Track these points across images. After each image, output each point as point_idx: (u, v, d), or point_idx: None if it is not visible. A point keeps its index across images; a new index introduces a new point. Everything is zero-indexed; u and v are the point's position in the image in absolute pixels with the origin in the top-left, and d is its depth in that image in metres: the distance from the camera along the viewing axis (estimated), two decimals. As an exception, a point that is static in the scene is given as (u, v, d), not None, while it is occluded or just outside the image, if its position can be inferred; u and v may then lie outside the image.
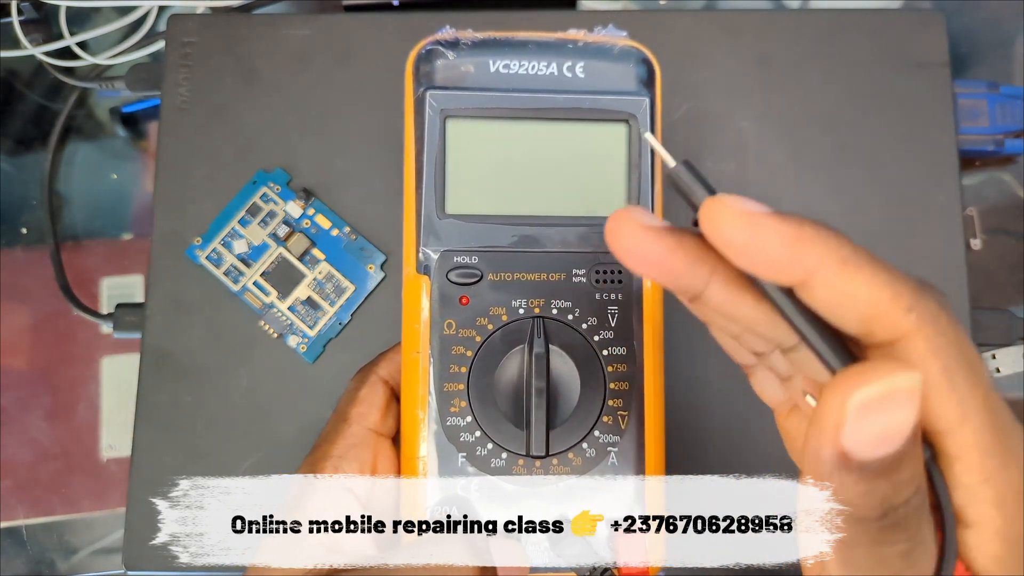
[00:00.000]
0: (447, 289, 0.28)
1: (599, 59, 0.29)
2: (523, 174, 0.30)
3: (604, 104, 0.29)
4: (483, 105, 0.29)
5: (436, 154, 0.29)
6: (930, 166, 0.40)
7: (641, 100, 0.29)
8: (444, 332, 0.28)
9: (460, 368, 0.28)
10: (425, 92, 0.29)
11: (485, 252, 0.29)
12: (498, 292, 0.28)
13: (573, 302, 0.28)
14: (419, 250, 0.29)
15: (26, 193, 0.46)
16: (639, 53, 0.30)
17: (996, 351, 0.41)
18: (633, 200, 0.29)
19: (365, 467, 0.29)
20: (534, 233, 0.29)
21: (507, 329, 0.28)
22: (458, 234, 0.29)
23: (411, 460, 0.28)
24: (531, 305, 0.28)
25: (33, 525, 0.42)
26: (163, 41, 0.44)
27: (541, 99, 0.29)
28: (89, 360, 0.43)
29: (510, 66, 0.29)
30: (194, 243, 0.39)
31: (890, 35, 0.41)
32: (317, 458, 0.29)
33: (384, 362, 0.31)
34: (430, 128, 0.29)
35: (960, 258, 0.39)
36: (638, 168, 0.29)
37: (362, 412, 0.30)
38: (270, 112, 0.40)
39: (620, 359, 0.28)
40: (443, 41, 0.29)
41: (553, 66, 0.29)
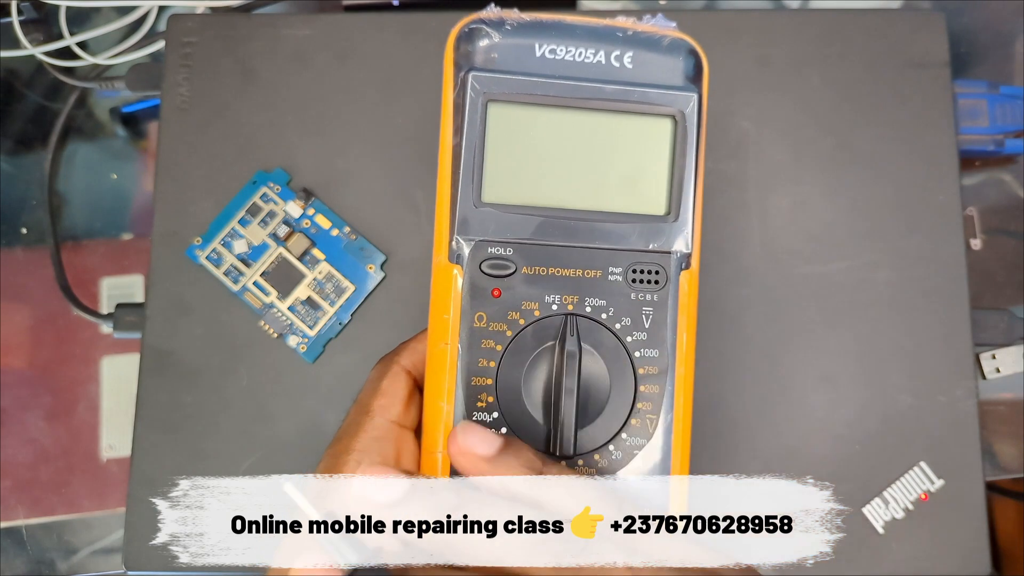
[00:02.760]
0: (479, 280, 0.28)
1: (648, 50, 0.28)
2: (564, 165, 0.29)
3: (652, 98, 0.28)
4: (528, 91, 0.28)
5: (476, 139, 0.28)
6: (930, 166, 0.40)
7: (690, 96, 0.28)
8: (474, 324, 0.27)
9: (489, 362, 0.27)
10: (467, 74, 0.27)
11: (520, 244, 0.28)
12: (531, 286, 0.28)
13: (608, 300, 0.28)
14: (452, 238, 0.28)
15: (26, 193, 0.46)
16: (688, 45, 0.29)
17: (996, 351, 0.41)
18: (674, 198, 0.28)
19: (388, 461, 0.28)
20: (571, 227, 0.28)
21: (539, 325, 0.28)
22: (494, 224, 0.28)
23: (431, 454, 0.28)
24: (564, 301, 0.28)
25: (33, 525, 0.42)
26: (163, 41, 0.44)
27: (588, 88, 0.28)
28: (89, 360, 0.43)
29: (556, 51, 0.28)
30: (194, 243, 0.39)
31: (890, 35, 0.41)
32: (338, 452, 0.28)
33: (407, 352, 0.30)
34: (471, 112, 0.27)
35: (960, 258, 0.39)
36: (682, 167, 0.28)
37: (384, 404, 0.29)
38: (270, 112, 0.40)
39: (652, 361, 0.28)
40: (487, 20, 0.28)
41: (601, 54, 0.28)
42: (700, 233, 0.29)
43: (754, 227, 0.40)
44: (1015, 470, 0.42)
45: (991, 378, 0.41)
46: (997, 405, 0.42)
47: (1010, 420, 0.42)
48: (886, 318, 0.39)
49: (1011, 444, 0.42)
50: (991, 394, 0.42)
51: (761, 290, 0.39)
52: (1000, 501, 0.51)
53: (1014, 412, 0.42)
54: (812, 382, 0.38)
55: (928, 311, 0.39)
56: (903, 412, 0.38)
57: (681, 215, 0.28)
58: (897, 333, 0.39)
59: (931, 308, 0.39)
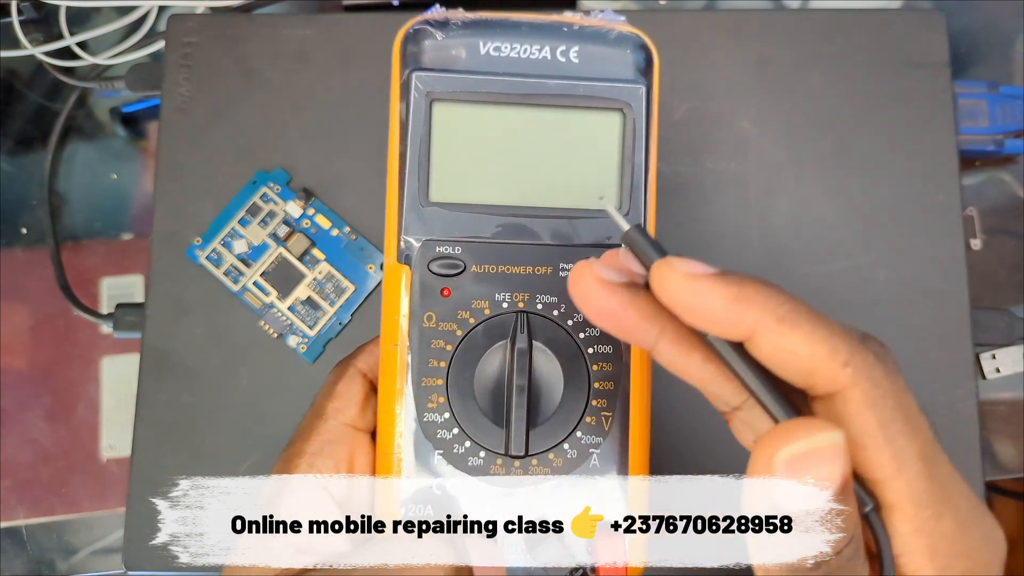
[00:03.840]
0: (428, 280, 0.27)
1: (595, 44, 0.28)
2: (511, 162, 0.29)
3: (598, 91, 0.28)
4: (471, 89, 0.28)
5: (421, 139, 0.27)
6: (930, 166, 0.40)
7: (637, 88, 0.28)
8: (424, 324, 0.27)
9: (439, 363, 0.27)
10: (411, 74, 0.27)
11: (469, 242, 0.28)
12: (481, 284, 0.28)
13: (559, 297, 0.28)
14: (400, 238, 0.28)
15: (26, 193, 0.46)
16: (636, 39, 0.28)
17: (996, 351, 0.41)
18: (625, 193, 0.28)
19: (341, 464, 0.28)
20: (521, 224, 0.28)
21: (490, 323, 0.27)
22: (441, 223, 0.28)
23: (386, 456, 0.27)
24: (515, 299, 0.28)
25: (33, 525, 0.42)
26: (163, 41, 0.44)
27: (532, 84, 0.28)
28: (89, 360, 0.43)
29: (501, 48, 0.28)
30: (194, 243, 0.39)
31: (890, 35, 0.41)
32: (291, 455, 0.28)
33: (363, 354, 0.30)
34: (415, 111, 0.27)
35: (960, 258, 0.39)
36: (631, 160, 0.28)
37: (339, 407, 0.29)
38: (270, 112, 0.40)
39: (606, 358, 0.28)
40: (432, 21, 0.28)
41: (546, 50, 0.28)
42: (655, 226, 0.29)
43: (754, 227, 0.40)
44: (1015, 470, 0.42)
45: (991, 378, 0.41)
46: (997, 405, 0.42)
47: (1010, 420, 0.42)
48: (886, 318, 0.39)
49: (1011, 444, 0.42)
50: (991, 394, 0.42)
51: (761, 290, 0.39)
52: (1000, 501, 0.51)
53: (1014, 412, 0.42)
54: (812, 382, 0.38)
55: (928, 311, 0.39)
56: (903, 412, 0.38)
57: (633, 209, 0.28)
58: (897, 333, 0.39)
59: (931, 308, 0.39)
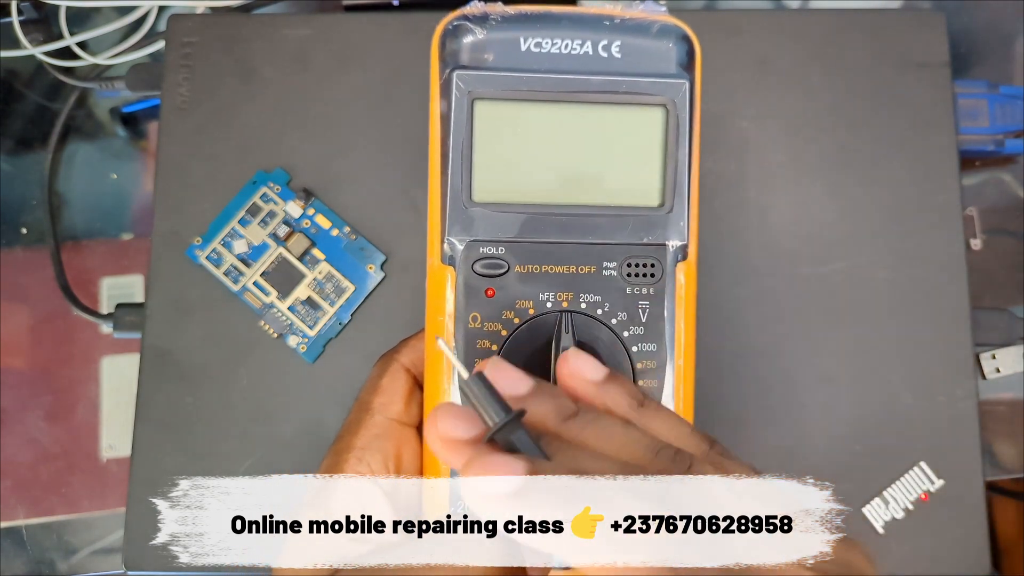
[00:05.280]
0: (473, 281, 0.27)
1: (637, 37, 0.28)
2: (554, 160, 0.28)
3: (641, 87, 0.28)
4: (513, 87, 0.27)
5: (463, 139, 0.27)
6: (930, 166, 0.40)
7: (680, 84, 0.28)
8: (469, 325, 0.27)
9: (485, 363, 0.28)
10: (452, 73, 0.27)
11: (512, 243, 0.28)
12: (525, 284, 0.28)
13: (603, 296, 0.28)
14: (444, 240, 0.28)
15: (26, 193, 0.46)
16: (679, 31, 0.28)
17: (996, 351, 0.41)
18: (669, 190, 0.28)
19: (389, 458, 0.28)
20: (564, 223, 0.28)
21: (534, 323, 0.27)
22: (485, 223, 0.27)
23: (433, 454, 0.28)
24: (559, 298, 0.28)
25: (33, 525, 0.42)
26: (163, 41, 0.44)
27: (574, 81, 0.27)
28: (89, 360, 0.43)
29: (542, 44, 0.27)
30: (194, 243, 0.39)
31: (890, 35, 0.41)
32: (340, 449, 0.29)
33: (406, 349, 0.30)
34: (457, 111, 0.27)
35: (960, 258, 0.39)
36: (675, 157, 0.28)
37: (384, 402, 0.29)
38: (270, 112, 0.40)
39: (650, 356, 0.28)
40: (471, 16, 0.27)
41: (588, 45, 0.27)
42: (697, 223, 0.29)
43: (754, 227, 0.40)
44: (1015, 470, 0.42)
45: (991, 378, 0.41)
46: (997, 405, 0.42)
47: (1010, 420, 0.42)
48: (886, 318, 0.39)
49: (1011, 444, 0.42)
50: (991, 394, 0.42)
51: (761, 290, 0.39)
52: (1000, 501, 0.51)
53: (1014, 412, 0.42)
54: (812, 382, 0.38)
55: (928, 311, 0.39)
56: (903, 412, 0.38)
57: (676, 206, 0.28)
58: (897, 333, 0.39)
59: (931, 308, 0.39)
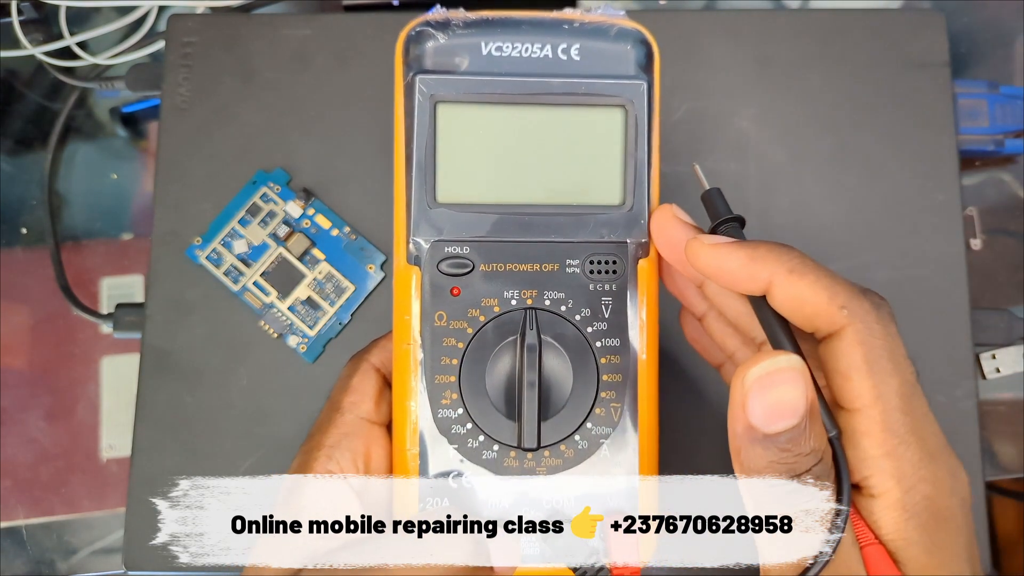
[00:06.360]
0: (438, 280, 0.28)
1: (595, 40, 0.28)
2: (516, 161, 0.29)
3: (600, 88, 0.28)
4: (475, 90, 0.28)
5: (426, 141, 0.28)
6: (930, 166, 0.40)
7: (639, 84, 0.28)
8: (435, 324, 0.28)
9: (451, 360, 0.28)
10: (415, 77, 0.28)
11: (477, 242, 0.28)
12: (490, 283, 0.28)
13: (566, 293, 0.28)
14: (409, 240, 0.28)
15: (26, 193, 0.46)
16: (637, 34, 0.29)
17: (996, 351, 0.41)
18: (629, 189, 0.29)
19: (358, 456, 0.29)
20: (527, 222, 0.28)
21: (499, 320, 0.28)
22: (449, 223, 0.28)
23: (402, 452, 0.28)
24: (524, 296, 0.28)
25: (33, 525, 0.42)
26: (163, 41, 0.44)
27: (534, 83, 0.28)
28: (89, 360, 0.43)
29: (503, 48, 0.28)
30: (194, 243, 0.39)
31: (890, 35, 0.41)
32: (311, 447, 0.29)
33: (376, 349, 0.31)
34: (420, 114, 0.28)
35: (960, 258, 0.39)
36: (634, 155, 0.29)
37: (354, 401, 0.29)
38: (270, 112, 0.40)
39: (613, 350, 0.28)
40: (433, 22, 0.28)
41: (548, 48, 0.28)
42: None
43: (754, 227, 0.40)
44: (1015, 470, 0.42)
45: (991, 378, 0.41)
46: (997, 405, 0.42)
47: (1010, 420, 0.42)
48: (886, 318, 0.39)
49: (1011, 444, 0.42)
50: (991, 394, 0.42)
51: (761, 290, 0.39)
52: (1000, 501, 0.51)
53: (1014, 412, 0.42)
54: (812, 382, 0.38)
55: (928, 311, 0.39)
56: (903, 412, 0.38)
57: (636, 204, 0.29)
58: (897, 333, 0.39)
59: (931, 308, 0.39)
